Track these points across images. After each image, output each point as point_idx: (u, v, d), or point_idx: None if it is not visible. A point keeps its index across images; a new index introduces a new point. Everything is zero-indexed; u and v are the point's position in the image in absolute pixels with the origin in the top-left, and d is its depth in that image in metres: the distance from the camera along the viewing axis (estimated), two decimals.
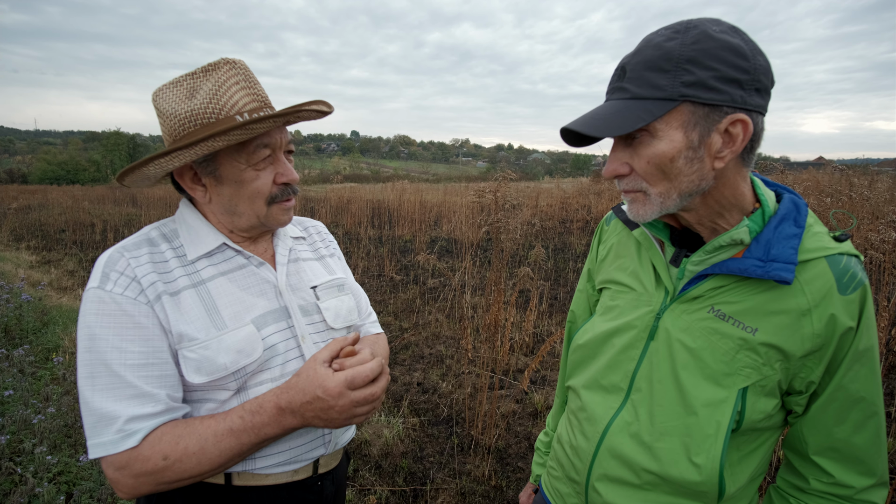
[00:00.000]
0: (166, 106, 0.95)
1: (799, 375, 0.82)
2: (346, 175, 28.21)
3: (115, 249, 0.95)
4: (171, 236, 1.02)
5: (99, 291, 0.90)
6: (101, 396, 0.86)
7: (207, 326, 0.94)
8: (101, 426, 0.86)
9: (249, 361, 0.95)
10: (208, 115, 0.93)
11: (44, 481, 2.49)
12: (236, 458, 0.92)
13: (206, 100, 0.93)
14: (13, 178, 47.91)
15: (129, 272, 0.92)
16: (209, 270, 0.99)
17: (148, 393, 0.88)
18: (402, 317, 5.55)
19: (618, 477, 0.93)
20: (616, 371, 0.95)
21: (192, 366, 0.92)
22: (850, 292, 0.78)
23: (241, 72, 0.97)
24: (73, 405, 3.24)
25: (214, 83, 0.94)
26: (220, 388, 0.95)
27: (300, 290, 1.09)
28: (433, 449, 3.14)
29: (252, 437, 0.91)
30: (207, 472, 0.90)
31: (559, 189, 13.50)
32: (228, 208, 1.00)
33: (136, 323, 0.90)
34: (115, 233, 10.84)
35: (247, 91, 0.97)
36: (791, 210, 0.83)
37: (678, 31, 0.75)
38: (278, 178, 1.00)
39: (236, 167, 0.96)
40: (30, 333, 4.75)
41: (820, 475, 0.86)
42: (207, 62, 0.97)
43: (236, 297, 0.99)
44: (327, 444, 1.07)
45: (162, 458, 0.86)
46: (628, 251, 1.01)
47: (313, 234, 1.26)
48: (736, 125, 0.74)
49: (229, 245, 1.03)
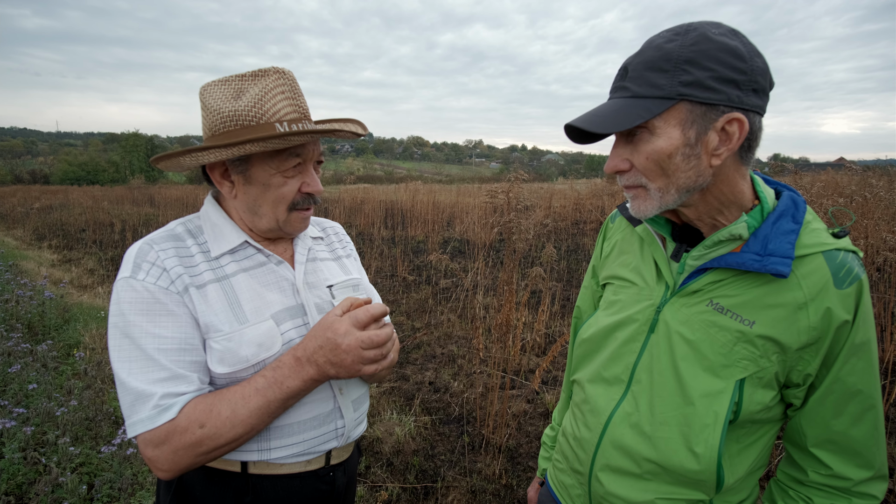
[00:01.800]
0: (212, 101, 0.99)
1: (796, 368, 0.84)
2: (359, 176, 28.36)
3: (145, 242, 0.99)
4: (196, 232, 1.06)
5: (131, 280, 0.94)
6: (136, 378, 0.90)
7: (231, 319, 0.98)
8: (139, 404, 0.89)
9: (269, 355, 0.99)
10: (250, 118, 0.97)
11: (67, 471, 2.57)
12: (265, 418, 0.96)
13: (251, 103, 0.97)
14: (36, 178, 49.03)
15: (160, 263, 0.96)
16: (232, 266, 1.03)
17: (182, 375, 0.92)
18: (415, 316, 5.59)
19: (620, 467, 0.95)
20: (618, 363, 0.98)
21: (216, 356, 0.96)
22: (847, 286, 0.80)
23: (288, 82, 1.01)
24: (95, 399, 3.33)
25: (261, 89, 0.98)
26: (239, 379, 0.99)
27: (316, 289, 1.12)
28: (444, 447, 3.16)
29: (276, 391, 0.95)
30: (241, 437, 0.94)
31: (573, 190, 13.44)
32: (252, 207, 1.04)
33: (170, 311, 0.94)
34: (133, 232, 11.05)
35: (290, 101, 1.00)
36: (789, 206, 0.85)
37: (678, 33, 0.79)
38: (304, 188, 1.04)
39: (266, 171, 1.00)
40: (52, 330, 4.88)
41: (818, 467, 0.88)
42: (246, 67, 1.02)
43: (257, 292, 1.03)
44: (340, 436, 1.10)
45: (199, 426, 0.90)
46: (631, 247, 1.04)
47: (331, 234, 1.30)
48: (732, 124, 0.77)
49: (251, 243, 1.07)
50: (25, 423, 2.91)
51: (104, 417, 3.16)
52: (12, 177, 49.47)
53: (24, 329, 4.62)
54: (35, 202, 18.12)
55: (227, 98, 0.98)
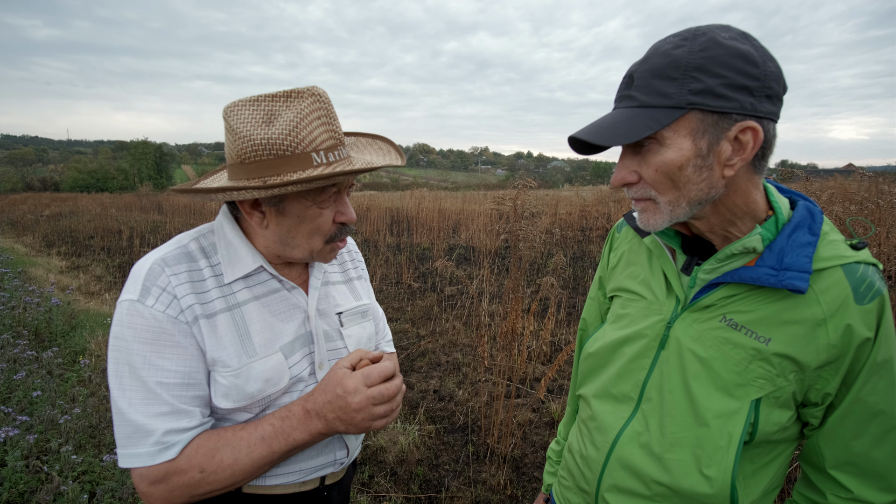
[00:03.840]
0: (241, 127, 0.90)
1: (814, 387, 0.81)
2: (365, 183, 28.46)
3: (156, 262, 0.92)
4: (210, 251, 0.99)
5: (139, 305, 0.88)
6: (137, 410, 0.86)
7: (239, 353, 0.93)
8: (137, 437, 0.85)
9: (275, 390, 0.96)
10: (284, 148, 0.88)
11: (69, 480, 2.55)
12: (266, 467, 0.93)
13: (286, 131, 0.88)
14: (46, 186, 49.60)
15: (171, 290, 0.90)
16: (244, 294, 0.98)
17: (184, 410, 0.88)
18: (420, 324, 5.56)
19: (628, 488, 0.92)
20: (626, 380, 0.94)
21: (221, 391, 0.92)
22: (868, 302, 0.77)
23: (324, 106, 0.93)
24: (98, 406, 3.32)
25: (296, 114, 0.90)
26: (244, 411, 0.96)
27: (327, 316, 1.09)
28: (448, 457, 3.13)
29: (282, 443, 0.92)
30: (238, 482, 0.91)
31: (579, 197, 13.39)
32: (284, 240, 0.98)
33: (176, 342, 0.88)
34: (140, 239, 11.10)
35: (326, 127, 0.92)
36: (805, 217, 0.82)
37: (686, 38, 0.75)
38: (337, 217, 0.99)
39: (303, 204, 0.94)
40: (58, 336, 4.89)
41: (838, 490, 0.84)
42: (290, 88, 0.93)
43: (267, 322, 0.99)
44: (337, 464, 1.08)
45: (199, 471, 0.87)
46: (639, 259, 1.00)
47: (344, 254, 1.25)
48: (746, 133, 0.73)
49: (266, 269, 1.01)
50: (29, 431, 2.90)
51: (107, 425, 3.14)
52: (23, 184, 50.07)
53: (30, 336, 4.63)
54: (45, 209, 18.29)
55: (258, 123, 0.89)
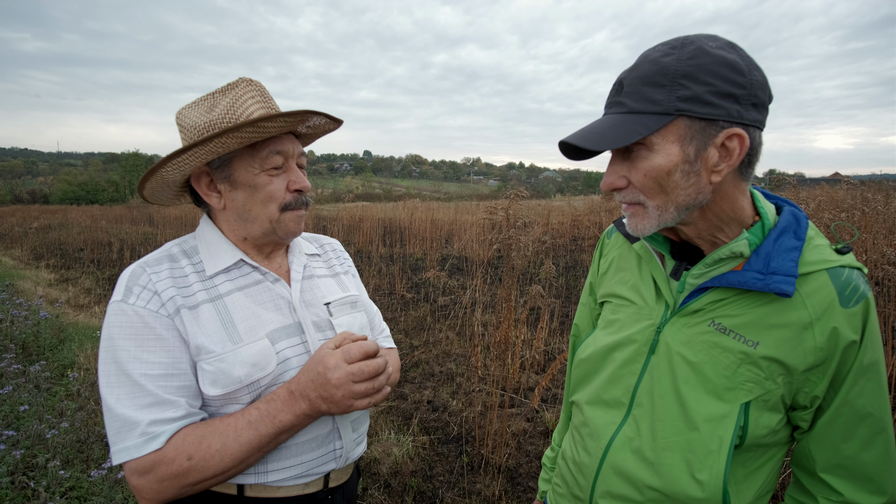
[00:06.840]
0: (188, 121, 1.01)
1: (802, 390, 0.81)
2: (358, 194, 28.50)
3: (138, 265, 0.99)
4: (191, 252, 1.05)
5: (122, 304, 0.93)
6: (123, 404, 0.88)
7: (223, 340, 0.96)
8: (125, 431, 0.88)
9: (263, 375, 0.97)
10: (225, 123, 0.97)
11: (56, 496, 2.51)
12: (256, 453, 0.93)
13: (224, 111, 0.98)
14: (35, 198, 49.12)
15: (151, 286, 0.95)
16: (226, 286, 1.02)
17: (168, 400, 0.90)
18: (413, 334, 5.54)
19: (621, 494, 0.91)
20: (617, 385, 0.95)
21: (209, 378, 0.94)
22: (853, 305, 0.78)
23: (258, 88, 1.03)
24: (87, 421, 3.27)
25: (233, 98, 1.00)
26: (234, 401, 0.97)
27: (314, 307, 1.11)
28: (443, 468, 3.10)
29: (268, 425, 0.93)
30: (230, 470, 0.92)
31: (570, 206, 13.48)
32: (242, 214, 1.04)
33: (158, 335, 0.93)
34: (131, 251, 11.01)
35: (262, 104, 1.01)
36: (791, 222, 0.83)
37: (675, 46, 0.77)
38: (291, 185, 1.04)
39: (250, 171, 1.00)
40: (46, 350, 4.82)
41: (828, 493, 0.84)
42: (225, 83, 1.03)
43: (251, 311, 1.02)
44: (338, 458, 1.08)
45: (186, 458, 0.88)
46: (629, 264, 1.01)
47: (328, 251, 1.28)
48: (732, 139, 0.75)
49: (246, 261, 1.06)
50: (15, 447, 2.85)
51: (96, 440, 3.09)
52: (12, 196, 49.57)
53: (17, 349, 4.56)
54: (34, 221, 18.10)
55: (201, 113, 1.00)
